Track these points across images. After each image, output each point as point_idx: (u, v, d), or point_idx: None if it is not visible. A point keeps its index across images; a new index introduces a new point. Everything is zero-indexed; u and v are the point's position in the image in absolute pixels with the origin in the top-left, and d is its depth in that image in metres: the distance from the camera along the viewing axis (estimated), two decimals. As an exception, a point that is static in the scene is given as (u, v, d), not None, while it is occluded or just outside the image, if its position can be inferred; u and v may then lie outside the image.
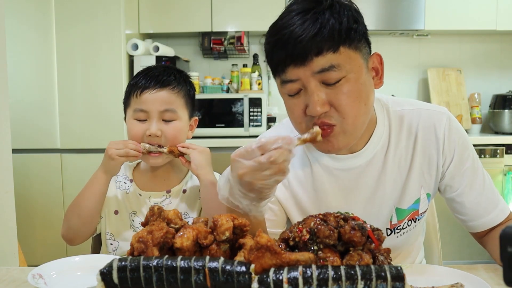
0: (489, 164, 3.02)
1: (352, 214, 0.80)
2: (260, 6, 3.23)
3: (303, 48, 0.87)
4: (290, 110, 0.97)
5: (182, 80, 1.26)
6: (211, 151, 1.27)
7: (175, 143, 1.23)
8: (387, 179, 1.06)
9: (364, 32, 0.94)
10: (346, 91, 0.90)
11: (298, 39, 0.87)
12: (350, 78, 0.90)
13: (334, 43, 0.88)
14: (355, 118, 0.92)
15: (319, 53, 0.88)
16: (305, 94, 0.92)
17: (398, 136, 1.06)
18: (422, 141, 1.05)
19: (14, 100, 2.81)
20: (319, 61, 0.88)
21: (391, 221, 1.09)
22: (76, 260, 0.97)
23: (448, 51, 3.63)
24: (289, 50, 0.89)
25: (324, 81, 0.90)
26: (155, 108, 1.20)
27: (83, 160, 2.92)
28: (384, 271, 0.67)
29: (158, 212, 0.83)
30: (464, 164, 1.05)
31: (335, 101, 0.90)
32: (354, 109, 0.92)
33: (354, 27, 0.90)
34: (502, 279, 0.57)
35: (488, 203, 1.05)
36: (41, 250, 2.93)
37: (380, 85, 0.99)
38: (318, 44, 0.87)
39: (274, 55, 0.92)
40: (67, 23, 2.88)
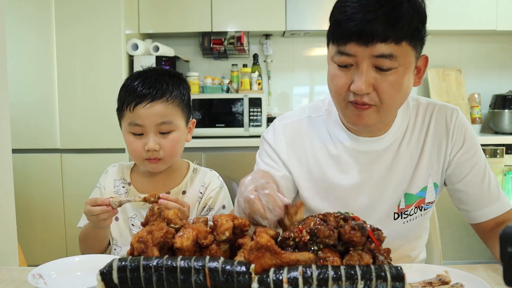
0: (489, 164, 3.00)
1: (352, 214, 0.80)
2: (260, 6, 3.23)
3: (372, 30, 0.92)
4: (334, 79, 1.01)
5: (176, 85, 1.23)
6: (211, 151, 1.27)
7: (173, 155, 1.23)
8: (399, 165, 1.12)
9: (425, 34, 1.01)
10: (392, 81, 0.96)
11: (371, 21, 0.92)
12: (399, 70, 0.96)
13: (400, 36, 0.93)
14: (391, 106, 1.00)
15: (385, 40, 0.93)
16: (355, 70, 0.98)
17: (413, 126, 1.14)
18: (433, 130, 1.13)
19: (14, 100, 2.81)
20: (381, 47, 0.93)
21: (399, 206, 1.14)
22: (76, 260, 0.97)
23: (448, 51, 3.63)
24: (358, 27, 0.93)
25: (377, 66, 0.95)
26: (150, 122, 1.18)
27: (83, 160, 2.92)
28: (384, 271, 0.67)
29: (158, 212, 0.83)
30: (471, 155, 1.12)
31: (379, 87, 0.97)
32: (392, 99, 0.98)
33: (419, 27, 0.98)
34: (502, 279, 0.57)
35: (491, 195, 1.11)
36: (41, 250, 2.93)
37: (418, 84, 1.06)
38: (387, 32, 0.92)
39: (342, 26, 0.95)
40: (67, 23, 2.88)
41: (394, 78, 0.96)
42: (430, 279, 0.89)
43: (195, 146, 2.98)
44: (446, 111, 1.14)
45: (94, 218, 1.09)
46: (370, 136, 1.12)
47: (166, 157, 1.21)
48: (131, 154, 1.24)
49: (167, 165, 1.25)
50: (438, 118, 1.14)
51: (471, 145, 1.13)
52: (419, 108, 1.16)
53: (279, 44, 3.59)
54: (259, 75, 3.51)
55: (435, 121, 1.13)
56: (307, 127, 1.18)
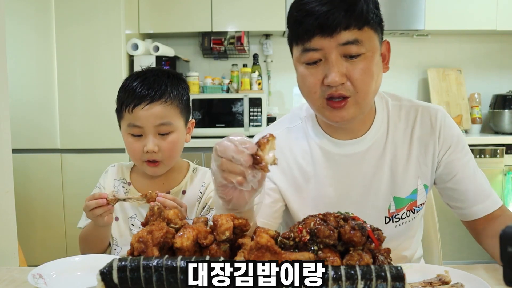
0: (489, 164, 3.02)
1: (352, 214, 0.80)
2: (260, 6, 3.23)
3: (333, 20, 0.94)
4: (305, 79, 1.02)
5: (174, 86, 1.22)
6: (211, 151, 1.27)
7: (172, 156, 1.22)
8: (384, 167, 1.11)
9: (381, 19, 1.02)
10: (363, 66, 0.97)
11: (330, 12, 0.94)
12: (367, 56, 0.98)
13: (360, 21, 0.95)
14: (366, 93, 1.00)
15: (347, 27, 0.95)
16: (324, 64, 0.98)
17: (395, 126, 1.13)
18: (419, 132, 1.12)
19: (14, 100, 2.81)
20: (346, 35, 0.95)
21: (389, 209, 1.13)
22: (76, 260, 0.97)
23: (448, 51, 3.63)
24: (319, 20, 0.95)
25: (345, 54, 0.97)
26: (149, 124, 1.18)
27: (83, 160, 2.92)
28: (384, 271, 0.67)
29: (158, 212, 0.83)
30: (460, 153, 1.11)
31: (352, 75, 0.97)
32: (366, 85, 0.99)
33: (376, 11, 1.00)
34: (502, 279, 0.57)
35: (481, 192, 1.10)
36: (41, 250, 2.93)
37: (386, 70, 1.07)
38: (348, 19, 0.94)
39: (303, 23, 0.97)
40: (67, 23, 2.88)
41: (364, 64, 0.97)
42: (430, 279, 0.89)
43: (195, 146, 2.98)
44: (430, 112, 1.13)
45: (91, 215, 1.09)
46: (351, 138, 1.11)
47: (165, 159, 1.21)
48: (130, 156, 1.24)
49: (166, 168, 1.25)
50: (422, 119, 1.12)
51: (459, 143, 1.12)
52: (401, 109, 1.14)
53: (279, 44, 3.59)
54: (259, 75, 3.51)
55: (420, 123, 1.12)
56: (287, 139, 1.17)
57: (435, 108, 1.14)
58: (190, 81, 3.36)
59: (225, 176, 0.81)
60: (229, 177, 0.81)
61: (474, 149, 3.00)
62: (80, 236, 1.27)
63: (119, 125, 1.28)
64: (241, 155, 0.78)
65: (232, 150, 0.79)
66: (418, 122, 1.12)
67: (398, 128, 1.12)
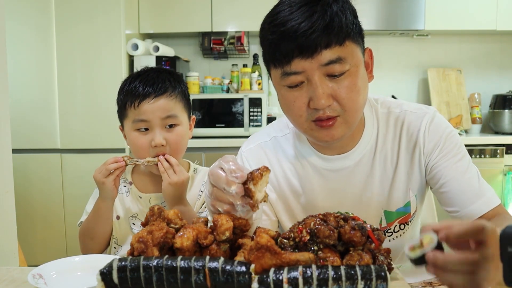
0: (489, 164, 3.02)
1: (352, 214, 0.80)
2: (260, 6, 3.20)
3: (313, 40, 0.88)
4: (290, 102, 0.97)
5: (176, 82, 1.24)
6: (211, 151, 1.27)
7: (179, 150, 1.22)
8: (374, 181, 1.07)
9: (361, 26, 0.97)
10: (348, 84, 0.92)
11: (308, 32, 0.87)
12: (352, 71, 0.92)
13: (341, 36, 0.89)
14: (354, 110, 0.95)
15: (328, 46, 0.89)
16: (308, 86, 0.93)
17: (384, 138, 1.07)
18: (405, 142, 1.06)
19: (14, 100, 2.81)
20: (327, 54, 0.89)
21: (381, 224, 1.09)
22: (76, 260, 0.97)
23: (448, 51, 3.63)
24: (298, 42, 0.88)
25: (329, 74, 0.91)
26: (156, 117, 1.19)
27: (83, 160, 2.92)
28: (384, 271, 0.67)
29: (158, 212, 0.83)
30: (448, 154, 1.04)
31: (338, 94, 0.92)
32: (354, 102, 0.94)
33: (355, 21, 0.93)
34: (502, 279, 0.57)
35: (474, 192, 1.02)
36: (41, 250, 2.93)
37: (371, 79, 1.01)
38: (328, 37, 0.88)
39: (281, 45, 0.90)
40: (67, 23, 2.88)
41: (350, 81, 0.92)
42: (430, 279, 0.89)
43: (195, 146, 2.98)
44: (416, 119, 1.06)
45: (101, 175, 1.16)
46: (339, 153, 1.07)
47: (172, 152, 1.21)
48: (137, 153, 1.24)
49: None
50: (409, 127, 1.06)
51: (448, 144, 1.05)
52: (389, 117, 1.08)
53: (279, 44, 3.59)
54: (259, 75, 3.51)
55: (406, 131, 1.06)
56: (274, 149, 1.13)
57: (422, 112, 1.07)
58: (190, 81, 3.36)
59: (213, 203, 0.84)
60: (216, 205, 0.84)
61: (474, 149, 3.00)
62: (80, 230, 1.26)
63: (122, 125, 1.28)
64: (233, 187, 0.80)
65: (223, 181, 0.81)
66: (404, 130, 1.06)
67: (387, 140, 1.07)
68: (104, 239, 1.25)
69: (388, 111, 1.09)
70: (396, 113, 1.08)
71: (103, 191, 1.17)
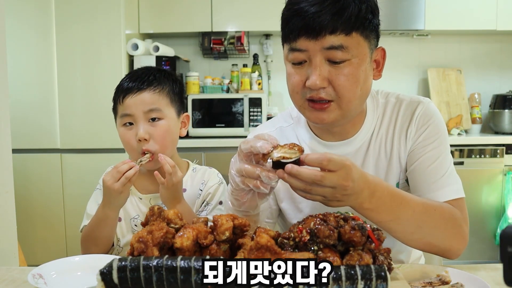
0: (489, 164, 3.02)
1: (352, 214, 0.80)
2: (260, 6, 3.23)
3: (319, 23, 0.92)
4: (290, 78, 1.01)
5: (164, 78, 1.25)
6: (211, 151, 1.27)
7: (164, 145, 1.22)
8: (370, 167, 1.10)
9: (377, 25, 1.00)
10: (347, 73, 0.95)
11: (317, 14, 0.92)
12: (353, 62, 0.95)
13: (348, 26, 0.93)
14: (349, 99, 0.98)
15: (333, 32, 0.92)
16: (308, 66, 0.97)
17: (380, 124, 1.12)
18: (399, 129, 1.10)
19: (14, 99, 2.80)
20: (331, 39, 0.93)
21: None
22: (76, 260, 0.97)
23: (448, 51, 3.63)
24: (305, 21, 0.93)
25: (329, 59, 0.95)
26: (139, 110, 1.20)
27: (83, 160, 2.92)
28: (384, 271, 0.67)
29: (158, 212, 0.83)
30: (426, 141, 1.07)
31: (334, 80, 0.96)
32: (350, 92, 0.97)
33: (369, 17, 0.96)
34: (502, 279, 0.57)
35: (435, 181, 1.04)
36: (41, 250, 2.93)
37: (378, 77, 1.05)
38: (335, 23, 0.92)
39: (290, 22, 0.96)
40: (67, 23, 2.88)
41: (349, 70, 0.95)
42: (430, 279, 0.89)
43: (195, 146, 2.98)
44: (412, 105, 1.10)
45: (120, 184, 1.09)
46: (340, 139, 1.10)
47: (157, 147, 1.20)
48: (126, 149, 1.25)
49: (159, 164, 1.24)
50: (404, 114, 1.10)
51: (430, 131, 1.07)
52: (387, 106, 1.12)
53: (279, 44, 3.55)
54: (259, 75, 3.51)
55: (401, 117, 1.10)
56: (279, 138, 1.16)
57: (417, 101, 1.10)
58: (190, 81, 3.36)
59: (243, 180, 0.88)
60: (246, 181, 0.88)
61: (474, 149, 3.00)
62: (83, 236, 1.24)
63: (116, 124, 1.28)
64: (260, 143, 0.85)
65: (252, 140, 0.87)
66: (400, 117, 1.10)
67: (382, 126, 1.11)
68: (109, 243, 1.23)
69: (386, 100, 1.13)
70: (392, 101, 1.13)
71: (119, 200, 1.13)
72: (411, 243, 0.99)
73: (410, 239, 0.97)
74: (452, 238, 0.99)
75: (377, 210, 0.89)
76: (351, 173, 0.81)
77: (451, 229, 0.99)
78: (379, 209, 0.89)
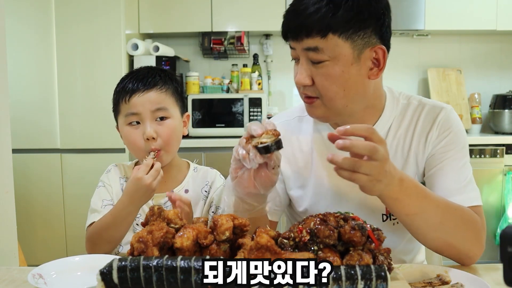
0: (489, 164, 3.02)
1: (352, 214, 0.80)
2: (260, 6, 3.23)
3: (297, 26, 0.98)
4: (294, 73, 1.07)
5: (168, 78, 1.26)
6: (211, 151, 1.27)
7: (171, 143, 1.22)
8: None
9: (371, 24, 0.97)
10: (325, 73, 0.99)
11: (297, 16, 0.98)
12: (331, 63, 0.98)
13: (323, 29, 0.95)
14: (331, 98, 1.01)
15: (308, 35, 0.97)
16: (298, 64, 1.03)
17: (399, 124, 1.12)
18: (419, 131, 1.11)
19: (14, 100, 2.80)
20: (308, 41, 0.98)
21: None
22: (76, 260, 0.97)
23: (448, 51, 3.63)
24: (289, 23, 1.01)
25: (309, 58, 1.00)
26: (146, 109, 1.20)
27: (83, 160, 2.92)
28: (384, 271, 0.67)
29: (158, 212, 0.83)
30: (449, 146, 1.08)
31: (315, 79, 1.00)
32: (329, 91, 1.00)
33: (354, 17, 0.95)
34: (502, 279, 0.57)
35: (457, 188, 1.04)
36: (41, 250, 2.93)
37: (375, 77, 1.03)
38: (308, 27, 0.96)
39: (283, 23, 1.04)
40: (67, 23, 2.88)
41: (326, 71, 0.98)
42: (430, 279, 0.89)
43: (195, 146, 2.98)
44: (435, 110, 1.11)
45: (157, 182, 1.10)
46: None
47: (164, 146, 1.21)
48: (131, 148, 1.24)
49: (167, 157, 1.24)
50: (426, 117, 1.11)
51: (455, 139, 1.08)
52: (408, 108, 1.13)
53: (279, 44, 3.59)
54: (259, 75, 3.51)
55: (423, 120, 1.11)
56: (296, 127, 1.20)
57: (440, 107, 1.12)
58: (190, 81, 3.36)
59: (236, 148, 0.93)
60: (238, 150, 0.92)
61: (474, 149, 3.00)
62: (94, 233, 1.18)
63: (117, 124, 1.28)
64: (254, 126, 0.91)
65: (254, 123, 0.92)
66: (421, 120, 1.11)
67: (401, 127, 1.12)
68: (121, 240, 1.21)
69: (408, 102, 1.14)
70: (414, 104, 1.14)
71: (150, 196, 1.13)
72: (432, 242, 0.98)
73: (431, 237, 0.96)
74: (471, 241, 0.98)
75: (404, 201, 0.90)
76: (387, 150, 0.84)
77: (471, 231, 0.98)
78: (407, 200, 0.90)
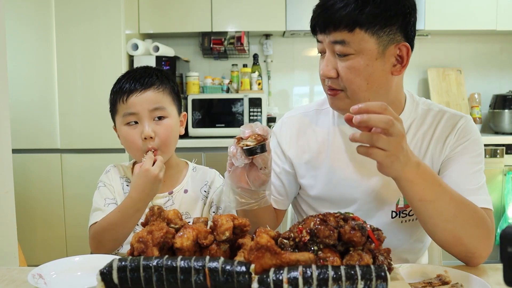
0: (489, 164, 3.02)
1: (352, 214, 0.80)
2: (260, 6, 3.23)
3: (326, 20, 1.02)
4: (319, 65, 1.10)
5: (165, 78, 1.27)
6: (211, 151, 1.28)
7: (168, 143, 1.22)
8: None
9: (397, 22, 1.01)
10: (349, 66, 1.02)
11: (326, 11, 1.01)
12: (357, 56, 1.01)
13: (350, 23, 0.99)
14: (354, 91, 1.04)
15: (336, 28, 1.01)
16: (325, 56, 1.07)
17: (419, 127, 1.15)
18: (438, 135, 1.13)
19: (14, 100, 2.81)
20: (335, 34, 1.01)
21: (398, 204, 1.14)
22: (76, 260, 0.97)
23: (448, 51, 3.63)
24: (318, 17, 1.04)
25: (334, 51, 1.04)
26: (144, 109, 1.20)
27: (83, 160, 2.92)
28: (384, 271, 0.67)
29: (158, 212, 0.83)
30: (466, 151, 1.10)
31: (340, 72, 1.04)
32: (353, 84, 1.03)
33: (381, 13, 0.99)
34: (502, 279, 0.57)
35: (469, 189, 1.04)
36: (41, 250, 2.93)
37: (398, 73, 1.07)
38: (338, 20, 1.00)
39: (312, 17, 1.06)
40: (67, 23, 2.88)
41: (351, 63, 1.02)
42: (430, 279, 0.89)
43: (195, 146, 2.98)
44: (455, 117, 1.15)
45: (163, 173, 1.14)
46: None
47: (161, 145, 1.21)
48: (129, 148, 1.24)
49: (164, 156, 1.24)
50: (445, 123, 1.14)
51: (472, 146, 1.11)
52: (428, 113, 1.16)
53: (279, 44, 3.59)
54: (259, 75, 3.51)
55: (442, 125, 1.14)
56: (313, 118, 1.23)
57: (460, 115, 1.16)
58: (190, 81, 3.36)
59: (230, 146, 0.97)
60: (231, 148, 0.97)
61: (474, 149, 3.00)
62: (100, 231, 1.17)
63: (114, 124, 1.28)
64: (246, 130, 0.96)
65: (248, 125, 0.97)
66: (440, 125, 1.14)
67: (420, 130, 1.14)
68: (125, 240, 1.19)
69: (428, 108, 1.18)
70: (435, 110, 1.17)
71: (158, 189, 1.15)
72: (441, 234, 0.97)
73: (442, 228, 0.96)
74: (480, 240, 0.97)
75: (420, 184, 0.91)
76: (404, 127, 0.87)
77: (482, 230, 0.98)
78: (422, 185, 0.91)
